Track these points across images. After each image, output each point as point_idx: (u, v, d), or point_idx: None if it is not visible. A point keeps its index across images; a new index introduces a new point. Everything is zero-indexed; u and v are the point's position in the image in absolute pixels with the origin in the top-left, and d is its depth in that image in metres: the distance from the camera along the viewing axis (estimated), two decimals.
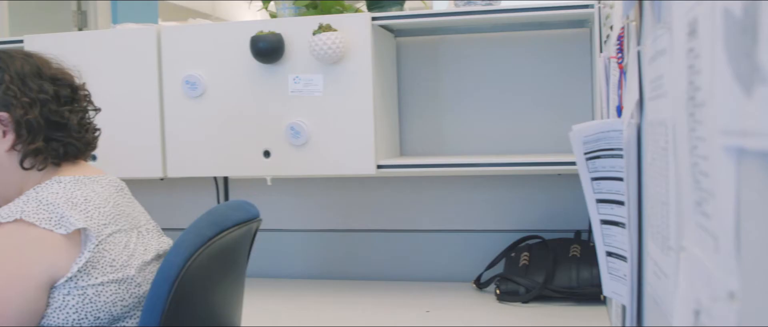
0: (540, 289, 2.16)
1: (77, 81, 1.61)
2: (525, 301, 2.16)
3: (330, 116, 2.17)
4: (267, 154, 2.22)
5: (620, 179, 1.09)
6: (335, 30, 2.11)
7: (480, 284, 2.36)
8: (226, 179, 2.66)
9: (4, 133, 1.51)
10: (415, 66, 2.48)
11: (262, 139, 2.23)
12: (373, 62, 2.14)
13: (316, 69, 2.17)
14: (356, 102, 2.15)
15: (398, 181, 2.53)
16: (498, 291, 2.21)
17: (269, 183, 2.30)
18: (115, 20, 3.82)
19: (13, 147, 1.51)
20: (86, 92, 1.62)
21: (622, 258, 1.12)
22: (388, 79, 2.36)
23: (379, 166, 2.17)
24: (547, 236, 2.33)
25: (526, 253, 2.27)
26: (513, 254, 2.31)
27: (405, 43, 2.48)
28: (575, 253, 2.22)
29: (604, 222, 1.17)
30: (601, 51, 1.90)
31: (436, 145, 2.48)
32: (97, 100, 1.65)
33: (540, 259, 2.24)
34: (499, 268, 2.34)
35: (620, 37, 1.17)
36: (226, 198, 2.67)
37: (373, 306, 2.22)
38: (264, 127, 2.22)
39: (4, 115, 1.50)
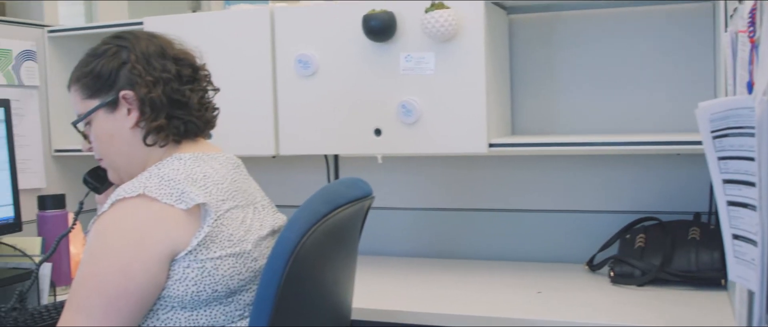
0: (656, 272, 2.09)
1: (198, 61, 1.65)
2: (640, 284, 2.10)
3: (441, 94, 2.15)
4: (378, 132, 2.23)
5: (750, 159, 1.03)
6: (448, 7, 2.09)
7: (593, 266, 2.31)
8: (336, 157, 2.69)
9: (129, 111, 1.56)
10: (528, 43, 2.44)
11: (374, 117, 2.23)
12: (485, 40, 2.11)
13: (427, 47, 2.15)
14: (468, 80, 2.12)
15: (510, 160, 2.50)
16: (612, 273, 2.16)
17: (380, 161, 2.30)
18: (229, 1, 3.89)
19: (137, 124, 1.56)
20: (206, 72, 1.67)
21: (751, 241, 1.06)
22: (501, 57, 2.32)
23: (491, 145, 2.14)
24: (663, 218, 2.25)
25: (641, 235, 2.21)
26: (628, 236, 2.24)
27: (517, 20, 2.44)
28: (694, 235, 2.14)
29: (731, 203, 1.12)
30: (726, 26, 1.82)
31: (548, 123, 2.44)
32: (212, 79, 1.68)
33: (657, 241, 2.17)
34: (613, 250, 2.28)
35: (752, 11, 1.11)
36: (337, 176, 2.70)
37: (483, 286, 2.20)
38: (375, 105, 2.22)
39: (129, 93, 1.55)
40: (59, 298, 2.12)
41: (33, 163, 2.62)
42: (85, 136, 1.65)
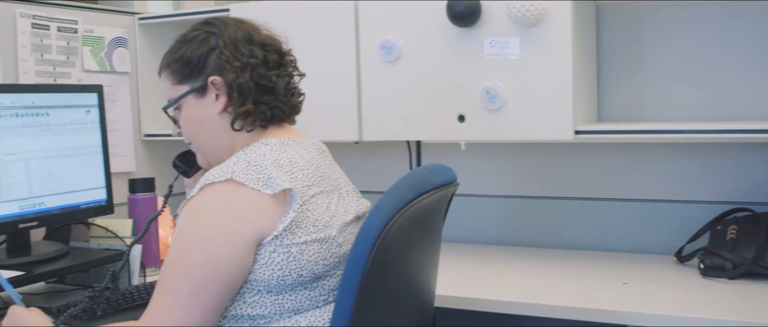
0: (749, 266, 2.02)
1: (284, 47, 1.66)
2: (732, 277, 2.03)
3: (527, 80, 2.12)
4: (461, 118, 2.21)
5: None
6: None
7: (681, 257, 2.25)
8: (418, 144, 2.68)
9: (217, 96, 1.58)
10: (615, 29, 2.38)
11: (457, 103, 2.22)
12: (572, 24, 2.07)
13: (513, 32, 2.12)
14: (554, 65, 2.09)
15: (596, 147, 2.45)
16: (702, 265, 2.09)
17: (463, 148, 2.29)
18: None
19: (225, 109, 1.58)
20: (292, 58, 1.68)
21: None
22: (587, 42, 2.27)
23: (577, 132, 2.10)
24: (757, 209, 2.17)
25: (733, 227, 2.14)
26: (719, 227, 2.18)
27: (605, 5, 2.38)
28: None
29: None
30: None
31: (636, 110, 2.37)
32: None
33: (749, 233, 2.10)
34: (702, 242, 2.21)
35: None
36: (419, 162, 2.69)
37: (567, 275, 2.17)
38: (459, 91, 2.21)
39: (217, 79, 1.57)
40: (149, 279, 2.18)
41: (124, 147, 2.69)
42: (175, 121, 1.69)
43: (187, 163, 1.79)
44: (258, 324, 1.47)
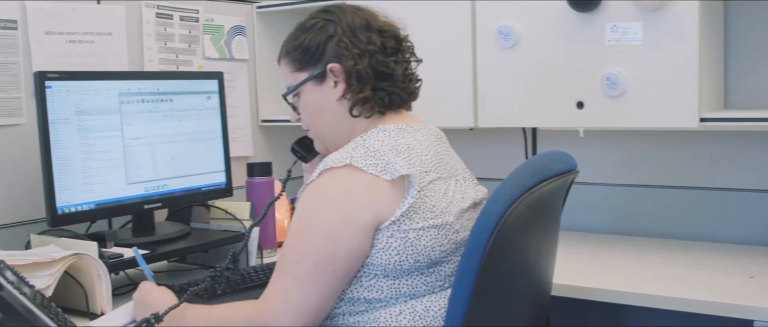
0: None
1: (402, 33, 1.66)
2: None
3: (649, 66, 2.05)
4: (580, 105, 2.17)
5: None
6: None
7: None
8: (534, 130, 2.64)
9: (336, 83, 1.60)
10: (744, 13, 2.27)
11: (576, 89, 2.17)
12: (699, 8, 1.99)
13: (635, 16, 2.06)
14: (679, 51, 2.01)
15: (721, 135, 2.35)
16: None
17: (581, 135, 2.24)
18: None
19: (343, 96, 1.60)
20: (410, 43, 1.67)
21: None
22: (714, 26, 2.18)
23: (703, 120, 2.02)
24: None
25: None
26: None
27: None
28: None
29: None
30: None
31: (765, 98, 2.26)
32: None
33: None
34: None
35: None
36: (535, 149, 2.65)
37: (688, 267, 2.09)
38: (578, 77, 2.16)
39: (336, 66, 1.58)
40: (266, 260, 2.22)
41: (242, 132, 2.76)
42: (294, 108, 1.71)
43: (306, 149, 1.82)
44: (374, 307, 1.49)
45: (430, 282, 1.49)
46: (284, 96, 1.70)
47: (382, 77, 1.59)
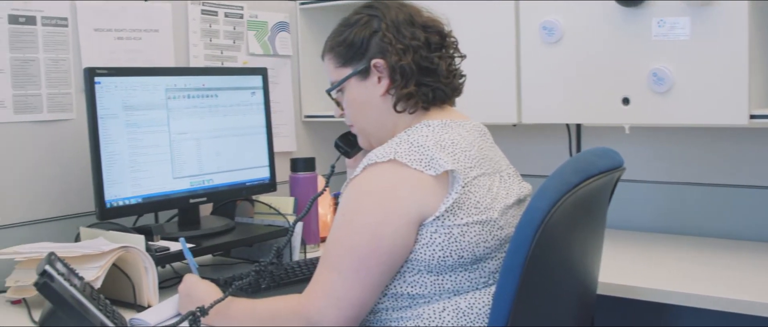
0: None
1: (445, 28, 1.66)
2: None
3: (697, 62, 2.02)
4: (626, 101, 2.14)
5: None
6: None
7: None
8: (578, 127, 2.62)
9: (380, 79, 1.60)
10: None
11: (621, 85, 2.15)
12: (749, 2, 1.95)
13: (682, 11, 2.03)
14: (728, 46, 1.98)
15: None
16: None
17: (627, 131, 2.21)
18: None
19: (387, 91, 1.60)
20: (453, 39, 1.67)
21: None
22: (764, 21, 2.14)
23: (752, 116, 1.99)
24: None
25: None
26: None
27: None
28: None
29: None
30: None
31: None
32: None
33: None
34: None
35: None
36: (579, 146, 2.63)
37: (736, 267, 2.06)
38: (623, 73, 2.14)
39: (380, 61, 1.59)
40: (309, 255, 2.24)
41: (285, 127, 2.78)
42: (338, 103, 1.72)
43: (349, 144, 1.82)
44: (417, 303, 1.48)
45: (473, 278, 1.49)
46: (328, 91, 1.70)
47: (426, 73, 1.59)
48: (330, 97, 1.72)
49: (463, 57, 1.69)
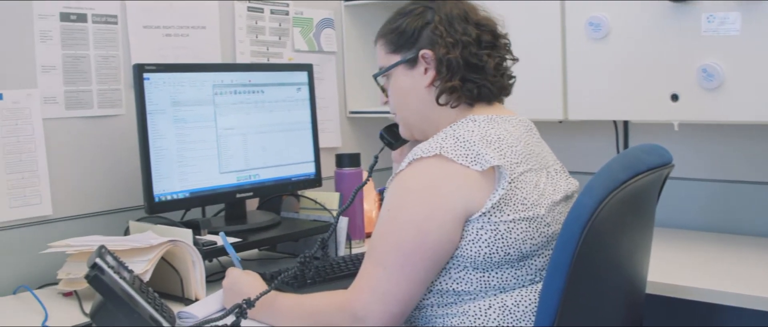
0: None
1: (500, 29, 1.65)
2: None
3: (748, 58, 1.99)
4: (675, 97, 2.11)
5: None
6: None
7: None
8: (625, 123, 2.59)
9: (426, 70, 1.61)
10: None
11: (670, 82, 2.12)
12: None
13: (732, 6, 1.99)
14: None
15: None
16: None
17: (676, 128, 2.18)
18: None
19: (432, 83, 1.60)
20: (506, 41, 1.66)
21: None
22: None
23: None
24: None
25: None
26: None
27: None
28: None
29: None
30: None
31: None
32: None
33: None
34: None
35: None
36: (626, 143, 2.60)
37: None
38: (672, 69, 2.11)
39: (428, 52, 1.59)
40: (354, 251, 2.24)
41: (330, 123, 2.79)
42: (384, 90, 1.72)
43: (393, 136, 1.82)
44: (463, 300, 1.48)
45: (520, 275, 1.48)
46: (375, 76, 1.71)
47: (473, 69, 1.58)
48: (376, 83, 1.73)
49: (515, 60, 1.68)
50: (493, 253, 1.45)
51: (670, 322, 1.99)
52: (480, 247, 1.45)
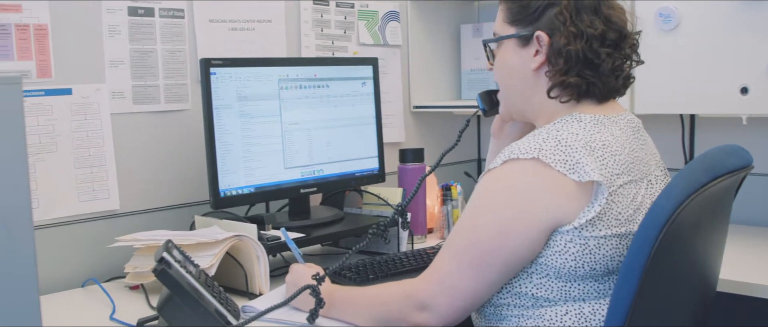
0: None
1: (629, 28, 1.55)
2: None
3: None
4: (744, 90, 2.06)
5: None
6: None
7: None
8: (692, 117, 2.53)
9: (537, 53, 1.52)
10: None
11: (740, 75, 2.07)
12: None
13: None
14: None
15: None
16: None
17: (744, 123, 2.12)
18: None
19: (539, 68, 1.52)
20: (634, 42, 1.56)
21: None
22: None
23: None
24: None
25: None
26: None
27: None
28: None
29: None
30: None
31: None
32: None
33: None
34: None
35: None
36: (692, 138, 2.53)
37: None
38: (742, 62, 2.06)
39: (544, 36, 1.51)
40: (416, 247, 2.23)
41: (394, 118, 2.78)
42: (491, 55, 1.65)
43: (489, 103, 1.77)
44: (540, 304, 1.45)
45: (602, 289, 1.44)
46: (485, 42, 1.64)
47: (588, 65, 1.49)
48: (485, 48, 1.65)
49: (640, 62, 1.59)
50: (579, 267, 1.40)
51: (738, 320, 1.94)
52: (566, 259, 1.40)
